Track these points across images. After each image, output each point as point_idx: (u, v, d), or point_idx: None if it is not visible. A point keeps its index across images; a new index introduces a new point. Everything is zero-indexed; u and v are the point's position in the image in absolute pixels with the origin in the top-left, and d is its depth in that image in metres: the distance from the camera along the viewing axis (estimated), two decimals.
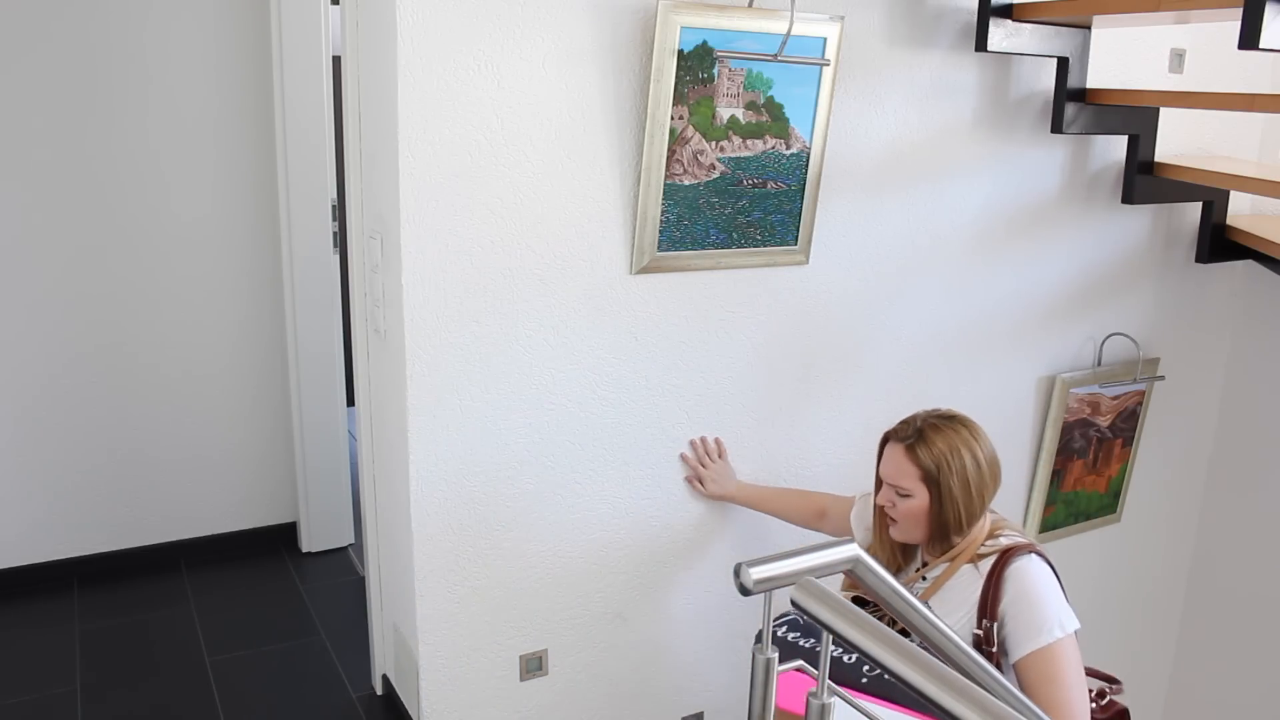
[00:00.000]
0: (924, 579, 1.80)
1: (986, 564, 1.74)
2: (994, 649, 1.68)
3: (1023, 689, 1.69)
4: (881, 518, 1.87)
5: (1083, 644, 3.49)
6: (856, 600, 1.79)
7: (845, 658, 1.61)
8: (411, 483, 2.09)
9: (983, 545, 1.76)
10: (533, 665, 2.30)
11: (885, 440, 1.82)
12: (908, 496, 1.75)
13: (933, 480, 1.72)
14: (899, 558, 1.88)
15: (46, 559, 3.23)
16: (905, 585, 1.76)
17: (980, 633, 1.69)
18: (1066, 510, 3.06)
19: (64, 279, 3.09)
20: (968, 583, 1.74)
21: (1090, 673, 1.82)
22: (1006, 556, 1.73)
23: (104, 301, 3.15)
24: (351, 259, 2.40)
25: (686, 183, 2.16)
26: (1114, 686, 1.88)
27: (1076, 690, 1.66)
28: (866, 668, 1.59)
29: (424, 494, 2.10)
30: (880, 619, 1.58)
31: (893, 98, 2.40)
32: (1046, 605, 1.69)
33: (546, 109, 2.02)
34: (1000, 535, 1.79)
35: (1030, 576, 1.71)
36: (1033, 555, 1.75)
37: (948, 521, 1.74)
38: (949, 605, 1.74)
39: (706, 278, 2.28)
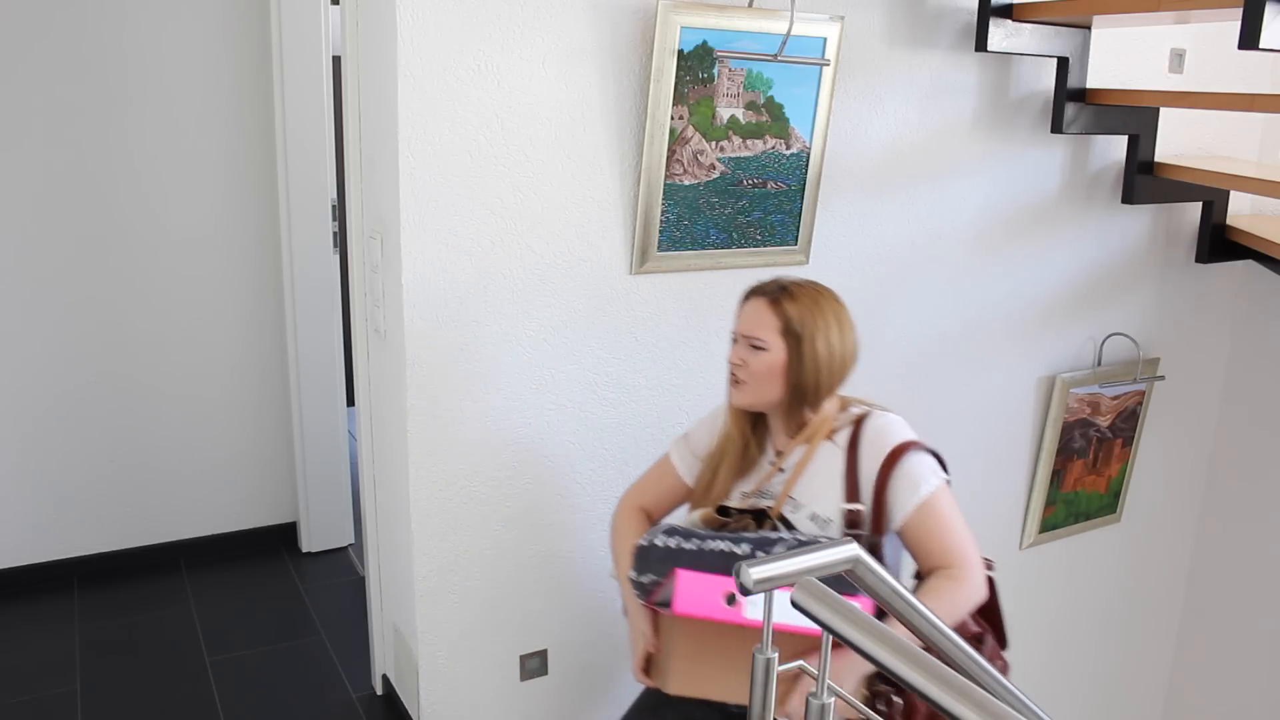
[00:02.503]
0: (782, 470, 1.71)
1: (844, 435, 1.67)
2: (864, 530, 1.63)
3: (912, 550, 1.65)
4: (730, 418, 1.76)
5: (1082, 643, 3.51)
6: (722, 512, 1.72)
7: (736, 549, 1.56)
8: (411, 483, 2.09)
9: (837, 420, 1.69)
10: (533, 665, 2.30)
11: (746, 297, 1.73)
12: (763, 350, 1.65)
13: (794, 335, 1.63)
14: (750, 451, 1.77)
15: (46, 559, 3.23)
16: (763, 481, 1.72)
17: (851, 510, 1.63)
18: (1066, 510, 3.06)
19: (64, 279, 3.09)
20: (829, 461, 1.67)
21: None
22: (861, 422, 1.67)
23: (104, 301, 3.15)
24: (351, 259, 2.40)
25: (686, 183, 2.16)
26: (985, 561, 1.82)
27: (963, 530, 1.64)
28: (759, 554, 1.54)
29: (424, 494, 2.10)
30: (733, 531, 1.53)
31: (893, 98, 2.40)
32: (914, 459, 1.64)
33: (546, 109, 2.02)
34: (851, 407, 1.71)
35: (888, 436, 1.65)
36: (888, 414, 1.69)
37: (804, 384, 1.64)
38: (814, 489, 1.67)
39: (706, 278, 2.28)
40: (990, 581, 1.74)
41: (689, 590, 1.54)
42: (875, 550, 1.64)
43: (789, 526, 1.67)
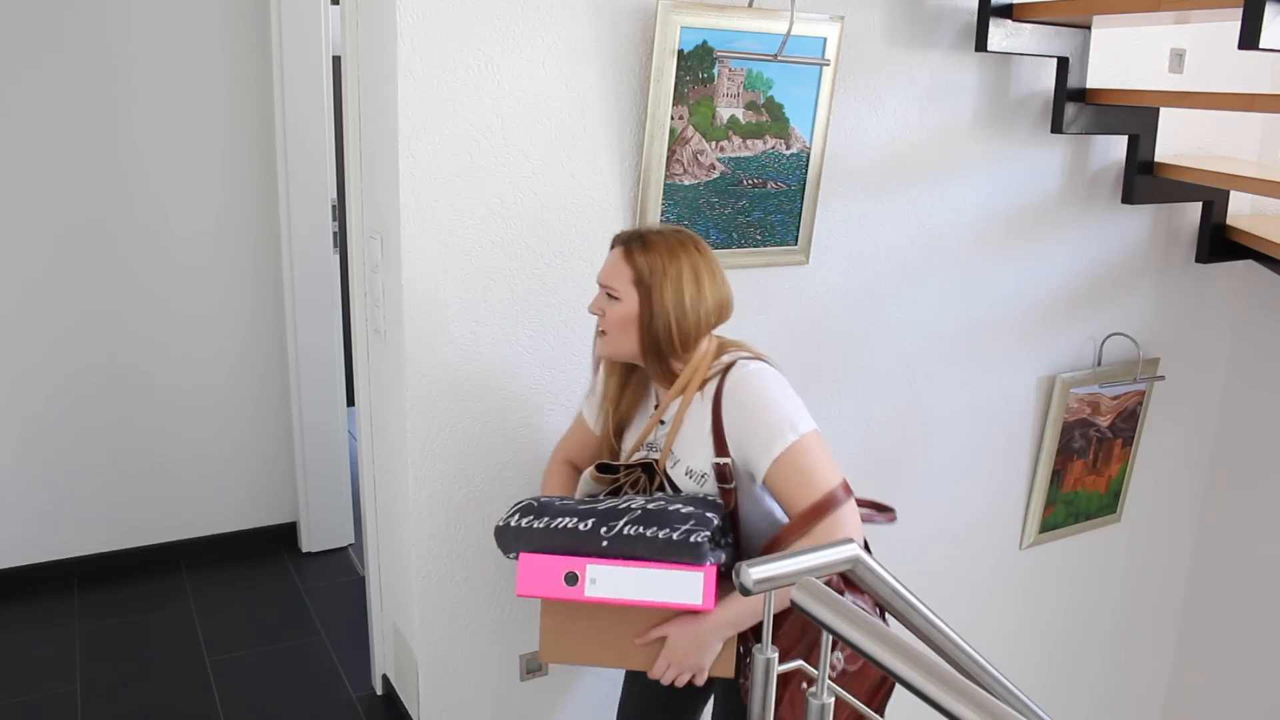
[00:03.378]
0: (663, 422, 1.69)
1: (711, 387, 1.63)
2: (733, 484, 1.60)
3: (778, 501, 1.60)
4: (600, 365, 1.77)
5: (1082, 643, 3.50)
6: (608, 469, 1.72)
7: (580, 525, 1.57)
8: (411, 483, 2.09)
9: (710, 368, 1.64)
10: (533, 665, 2.30)
11: (611, 246, 1.71)
12: (616, 300, 1.63)
13: (644, 285, 1.60)
14: (625, 403, 1.76)
15: (46, 559, 3.23)
16: (645, 433, 1.72)
17: (720, 465, 1.59)
18: (1066, 510, 3.06)
19: (64, 279, 3.09)
20: (700, 414, 1.63)
21: (863, 503, 1.69)
22: (727, 373, 1.61)
23: (105, 301, 3.15)
24: (351, 259, 2.40)
25: (686, 183, 2.16)
26: (886, 514, 1.75)
27: (823, 470, 1.55)
28: (604, 529, 1.55)
29: (424, 494, 2.10)
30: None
31: (893, 98, 2.40)
32: (772, 411, 1.57)
33: (546, 109, 2.02)
34: (724, 354, 1.66)
35: (748, 387, 1.59)
36: (753, 362, 1.62)
37: (658, 334, 1.61)
38: (690, 443, 1.64)
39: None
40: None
41: (530, 573, 1.59)
42: (733, 505, 1.62)
43: (670, 482, 1.68)
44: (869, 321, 2.54)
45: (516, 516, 1.63)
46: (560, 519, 1.60)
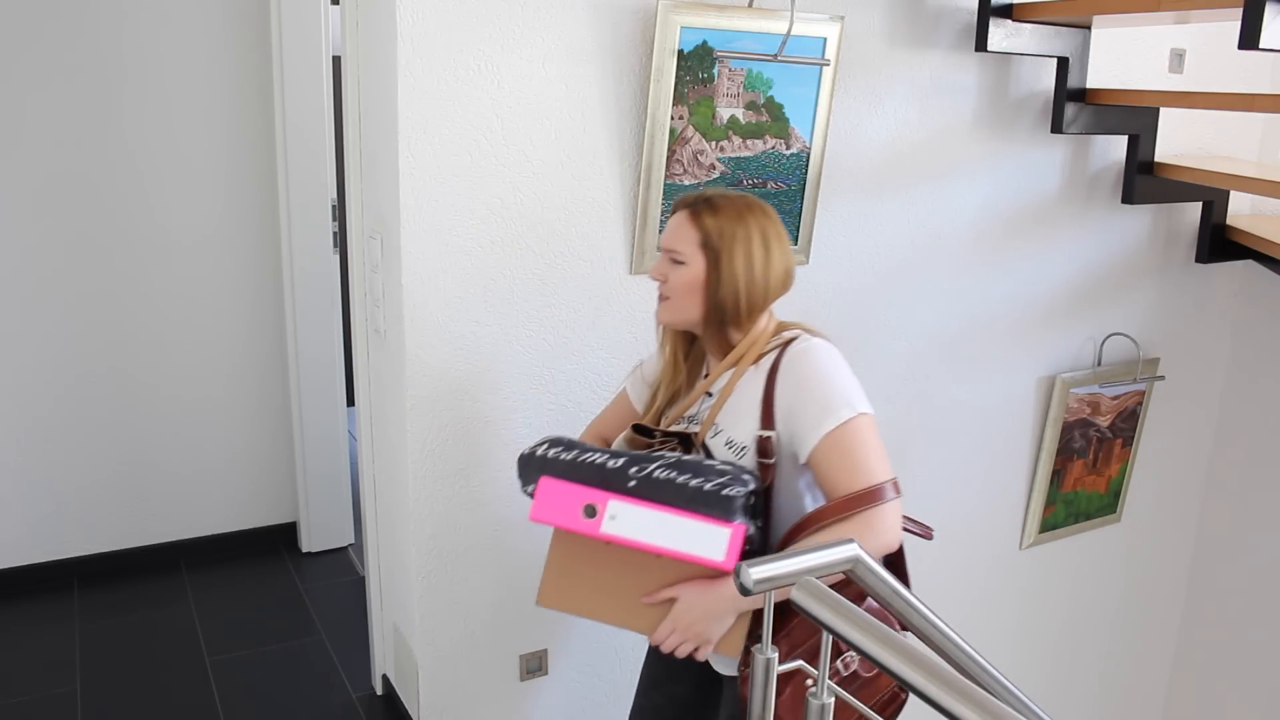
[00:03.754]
0: (709, 394, 1.63)
1: (768, 360, 1.57)
2: (774, 460, 1.53)
3: (820, 485, 1.53)
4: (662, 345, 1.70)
5: (1082, 643, 3.50)
6: (645, 432, 1.65)
7: (610, 462, 1.50)
8: (411, 483, 2.09)
9: (768, 344, 1.59)
10: (533, 665, 2.30)
11: (673, 210, 1.64)
12: (682, 264, 1.56)
13: (712, 249, 1.54)
14: (682, 375, 1.70)
15: (46, 559, 3.23)
16: (691, 404, 1.65)
17: (763, 438, 1.53)
18: (1066, 510, 3.06)
19: (64, 279, 3.09)
20: (752, 386, 1.57)
21: (906, 519, 1.61)
22: (787, 347, 1.56)
23: (104, 301, 3.15)
24: (351, 259, 2.40)
25: (686, 183, 2.16)
26: (924, 531, 1.67)
27: (874, 460, 1.49)
28: (634, 469, 1.48)
29: (424, 494, 2.10)
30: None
31: (893, 98, 2.40)
32: (831, 384, 1.52)
33: (546, 109, 2.02)
34: (785, 332, 1.61)
35: (809, 359, 1.54)
36: (816, 339, 1.57)
37: (724, 302, 1.55)
38: (736, 415, 1.58)
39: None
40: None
41: (547, 497, 1.48)
42: (770, 482, 1.55)
43: (708, 453, 1.60)
44: (869, 321, 2.54)
45: (545, 446, 1.56)
46: (589, 454, 1.53)
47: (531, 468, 1.57)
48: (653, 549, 1.45)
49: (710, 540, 1.43)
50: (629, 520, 1.45)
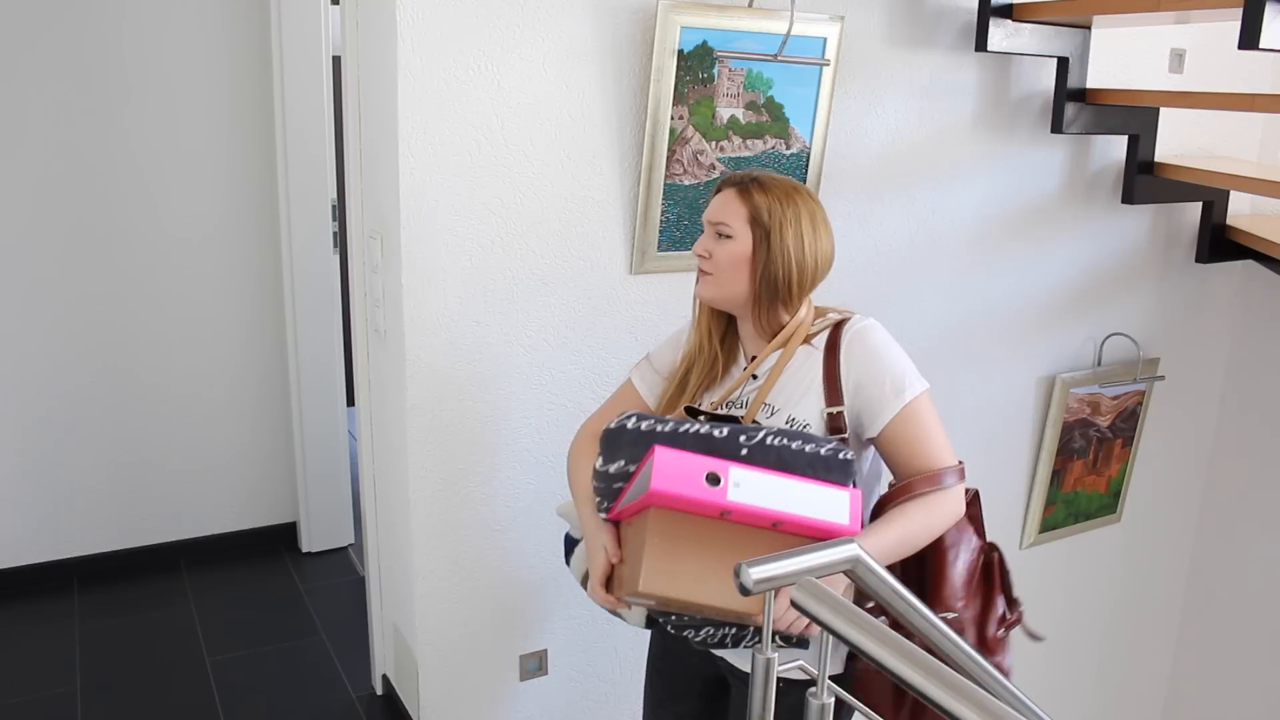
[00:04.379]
0: (755, 377, 1.61)
1: (821, 339, 1.57)
2: (847, 434, 1.54)
3: (890, 459, 1.57)
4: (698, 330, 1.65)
5: (1082, 643, 3.50)
6: (691, 413, 1.60)
7: (715, 431, 1.45)
8: (411, 483, 2.09)
9: (815, 325, 1.60)
10: (533, 665, 2.30)
11: (718, 189, 1.63)
12: (729, 238, 1.55)
13: (761, 225, 1.54)
14: (718, 363, 1.67)
15: (46, 559, 3.23)
16: (733, 389, 1.61)
17: (834, 414, 1.53)
18: (1066, 510, 3.06)
19: (64, 278, 3.09)
20: (808, 364, 1.57)
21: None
22: (841, 326, 1.58)
23: (104, 301, 3.15)
24: (351, 259, 2.40)
25: (686, 183, 2.16)
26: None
27: (942, 439, 1.56)
28: (743, 437, 1.44)
29: (424, 494, 2.10)
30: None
31: (893, 98, 2.40)
32: (897, 363, 1.56)
33: (546, 109, 2.02)
34: (829, 313, 1.62)
35: (874, 336, 1.56)
36: (869, 318, 1.60)
37: (774, 278, 1.54)
38: (792, 394, 1.56)
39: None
40: (978, 498, 1.65)
41: (668, 468, 1.36)
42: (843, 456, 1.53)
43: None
44: None
45: (633, 419, 1.49)
46: (686, 424, 1.47)
47: (623, 440, 1.48)
48: (777, 516, 1.39)
49: (834, 504, 1.40)
50: (753, 487, 1.37)
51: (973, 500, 1.66)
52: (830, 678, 1.51)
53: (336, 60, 2.60)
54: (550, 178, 2.06)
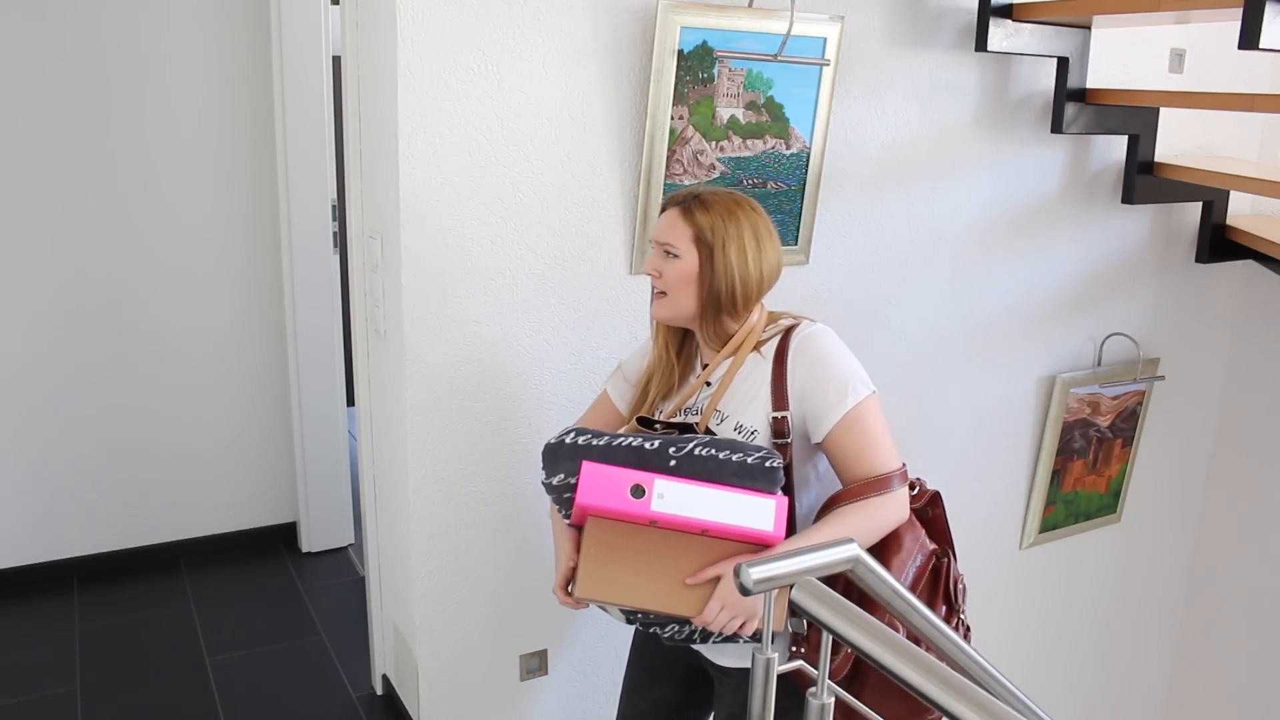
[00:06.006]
0: (709, 384, 1.67)
1: (771, 347, 1.62)
2: (790, 439, 1.58)
3: (834, 463, 1.60)
4: (655, 340, 1.72)
5: (1082, 643, 3.50)
6: (646, 424, 1.67)
7: (646, 444, 1.51)
8: (411, 483, 2.09)
9: (764, 332, 1.64)
10: (533, 665, 2.30)
11: (663, 208, 1.68)
12: (676, 258, 1.60)
13: (705, 244, 1.59)
14: (676, 371, 1.73)
15: (46, 559, 3.23)
16: (689, 396, 1.68)
17: (778, 418, 1.58)
18: (1066, 510, 3.06)
19: (63, 278, 3.09)
20: (756, 371, 1.62)
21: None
22: (790, 332, 1.62)
23: (104, 301, 3.15)
24: (351, 259, 2.40)
25: (686, 183, 2.16)
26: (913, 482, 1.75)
27: (886, 444, 1.58)
28: (672, 449, 1.50)
29: (424, 494, 2.10)
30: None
31: (893, 98, 2.40)
32: (844, 367, 1.59)
33: (546, 109, 2.02)
34: (781, 319, 1.67)
35: (818, 343, 1.60)
36: (817, 324, 1.64)
37: (720, 293, 1.59)
38: (741, 400, 1.62)
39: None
40: (938, 498, 1.69)
41: (593, 482, 1.46)
42: (793, 460, 1.60)
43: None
44: (869, 321, 2.54)
45: (572, 435, 1.56)
46: (621, 438, 1.54)
47: (561, 456, 1.56)
48: (701, 525, 1.45)
49: (758, 512, 1.45)
50: (677, 498, 1.45)
51: (933, 501, 1.69)
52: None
53: (336, 60, 2.60)
54: (550, 178, 2.06)
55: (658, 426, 1.65)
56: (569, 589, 1.61)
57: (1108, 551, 3.22)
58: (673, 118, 2.09)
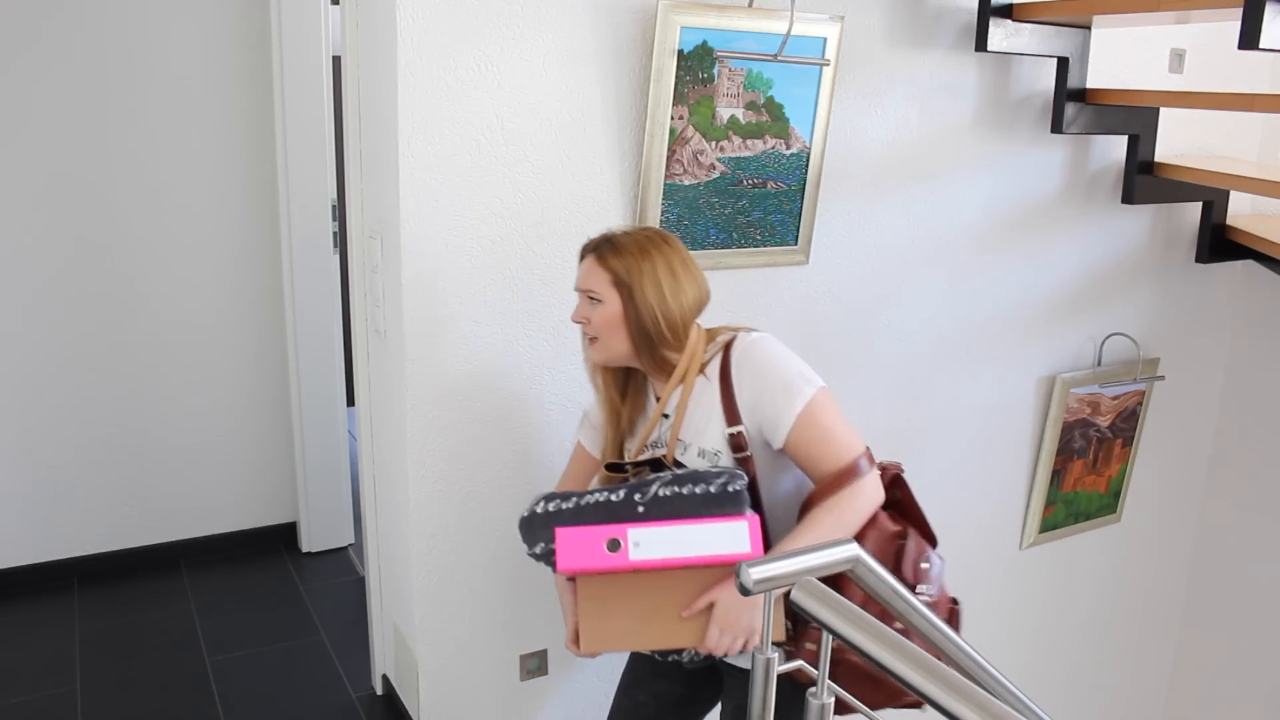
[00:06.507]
0: (666, 415, 1.70)
1: (714, 367, 1.66)
2: (750, 452, 1.62)
3: (801, 465, 1.63)
4: (593, 373, 1.76)
5: (1082, 643, 3.50)
6: (616, 469, 1.72)
7: (612, 496, 1.56)
8: (411, 482, 2.09)
9: (706, 353, 1.68)
10: (533, 665, 2.30)
11: (581, 255, 1.73)
12: (600, 302, 1.65)
13: (624, 285, 1.63)
14: (626, 410, 1.77)
15: (46, 559, 3.23)
16: (650, 431, 1.71)
17: (734, 434, 1.61)
18: (1066, 510, 3.06)
19: (63, 279, 3.09)
20: (706, 394, 1.66)
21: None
22: (729, 347, 1.66)
23: (104, 301, 3.15)
24: (351, 259, 2.40)
25: (686, 183, 2.16)
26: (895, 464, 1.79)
27: (846, 436, 1.60)
28: (638, 496, 1.55)
29: (424, 493, 2.10)
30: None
31: (893, 98, 2.40)
32: (786, 371, 1.62)
33: (546, 109, 2.02)
34: (719, 336, 1.70)
35: (757, 353, 1.64)
36: (753, 333, 1.67)
37: (647, 329, 1.63)
38: (699, 425, 1.65)
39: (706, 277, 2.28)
40: (900, 479, 1.71)
41: (570, 546, 1.52)
42: (752, 473, 1.62)
43: (680, 469, 1.66)
44: (869, 321, 2.54)
45: (541, 503, 1.62)
46: (587, 496, 1.59)
47: (536, 525, 1.62)
48: (682, 562, 1.50)
49: (733, 537, 1.50)
50: (652, 543, 1.50)
51: (894, 482, 1.71)
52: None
53: (336, 60, 2.60)
54: (550, 178, 2.06)
55: (627, 469, 1.70)
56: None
57: (1108, 552, 3.22)
58: (673, 118, 2.09)
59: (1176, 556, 3.39)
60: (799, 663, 1.43)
